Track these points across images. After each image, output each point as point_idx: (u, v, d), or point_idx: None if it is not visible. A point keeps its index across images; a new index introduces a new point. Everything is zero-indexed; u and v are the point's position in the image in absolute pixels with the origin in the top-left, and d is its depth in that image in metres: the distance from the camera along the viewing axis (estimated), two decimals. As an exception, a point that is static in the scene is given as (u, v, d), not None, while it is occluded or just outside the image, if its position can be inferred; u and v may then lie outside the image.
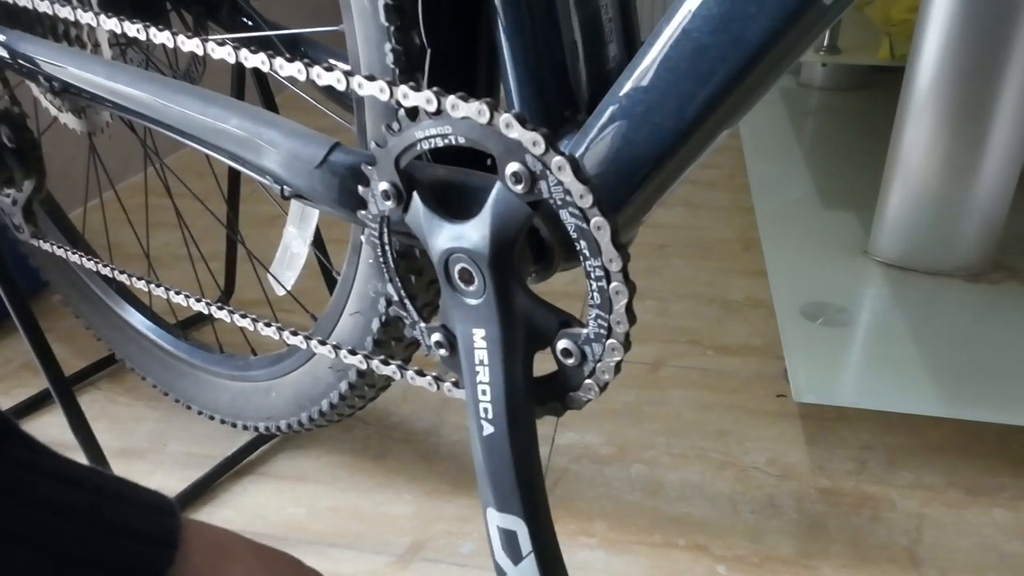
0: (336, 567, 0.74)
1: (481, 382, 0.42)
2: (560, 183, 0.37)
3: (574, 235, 0.38)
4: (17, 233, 0.80)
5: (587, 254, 0.38)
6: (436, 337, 0.46)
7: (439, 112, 0.39)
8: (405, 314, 0.48)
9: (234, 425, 0.84)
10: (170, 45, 0.52)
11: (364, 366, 0.55)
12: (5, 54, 0.67)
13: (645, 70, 0.38)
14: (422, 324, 0.47)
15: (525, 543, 0.42)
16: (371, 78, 0.42)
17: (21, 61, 0.66)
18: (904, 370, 0.88)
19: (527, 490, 0.42)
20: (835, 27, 1.80)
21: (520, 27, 0.45)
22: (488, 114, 0.37)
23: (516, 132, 0.37)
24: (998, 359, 0.90)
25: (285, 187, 0.52)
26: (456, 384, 0.50)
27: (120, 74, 0.60)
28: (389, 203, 0.43)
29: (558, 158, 0.36)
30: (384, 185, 0.43)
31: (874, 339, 0.95)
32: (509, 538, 0.43)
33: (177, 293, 0.68)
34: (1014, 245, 1.10)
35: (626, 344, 0.40)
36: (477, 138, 0.38)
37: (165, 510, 0.32)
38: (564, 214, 0.37)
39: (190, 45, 0.51)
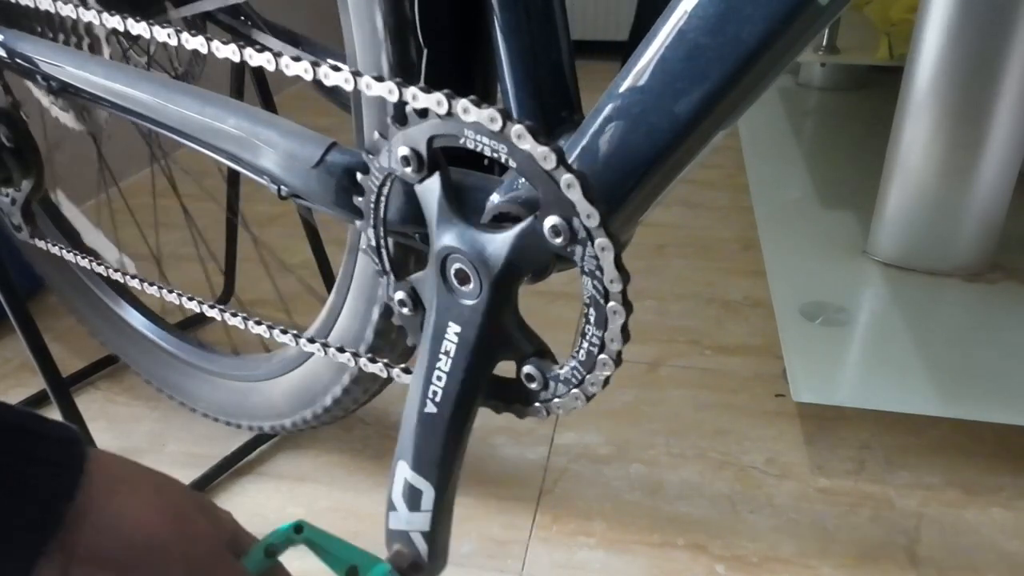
0: (335, 567, 0.74)
1: (439, 369, 0.43)
2: (597, 260, 0.37)
3: (587, 301, 0.39)
4: (16, 233, 0.80)
5: (592, 319, 0.39)
6: (400, 295, 0.46)
7: (502, 132, 0.37)
8: (376, 261, 0.47)
9: (229, 424, 0.84)
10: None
11: (321, 353, 0.56)
12: (3, 54, 0.67)
13: (641, 70, 0.38)
14: (392, 277, 0.47)
15: (427, 503, 0.44)
16: (427, 90, 0.39)
17: (19, 60, 0.66)
18: (903, 370, 0.88)
19: (446, 466, 0.44)
20: (834, 27, 1.80)
21: (517, 27, 0.45)
22: (553, 162, 0.36)
23: (576, 195, 0.36)
24: (996, 359, 0.90)
25: (282, 187, 0.52)
26: (406, 371, 0.51)
27: (118, 74, 0.60)
28: (407, 169, 0.41)
29: (605, 240, 0.36)
30: (406, 151, 0.41)
31: (873, 339, 0.95)
32: (413, 492, 0.44)
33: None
34: (1012, 245, 1.10)
35: (588, 399, 0.41)
36: (531, 175, 0.37)
37: (71, 439, 0.33)
38: (585, 280, 0.38)
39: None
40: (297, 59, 0.45)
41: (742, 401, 0.95)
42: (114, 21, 0.54)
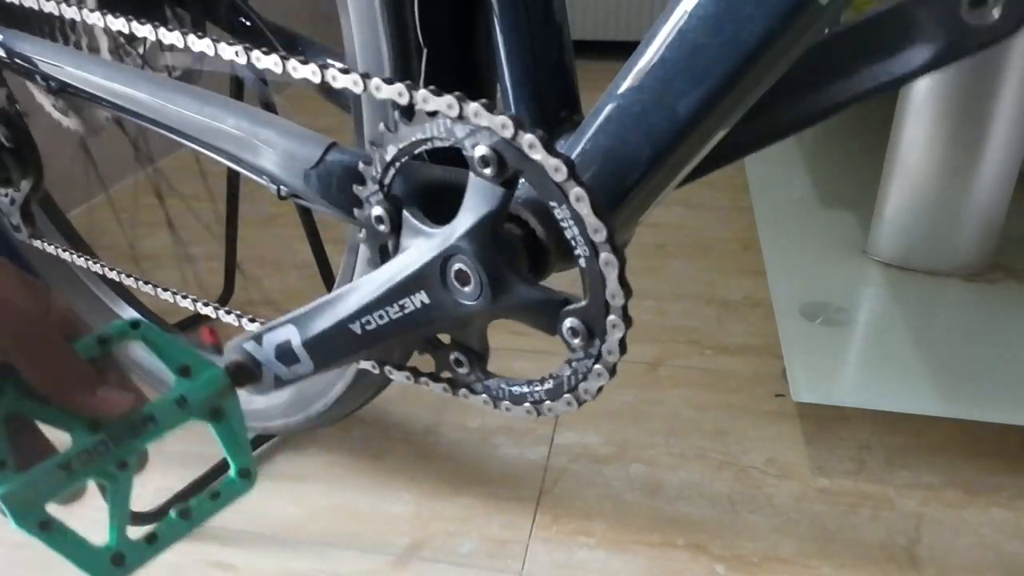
0: (335, 567, 0.74)
1: (386, 311, 0.43)
2: (587, 372, 0.39)
3: (555, 374, 0.41)
4: (15, 233, 0.80)
5: (549, 388, 0.41)
6: (381, 212, 0.43)
7: (591, 243, 0.36)
8: (379, 171, 0.43)
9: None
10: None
11: None
12: (2, 53, 0.67)
13: (641, 70, 0.38)
14: (383, 191, 0.43)
15: (299, 370, 0.45)
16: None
17: (18, 60, 0.66)
18: (903, 369, 0.88)
19: (334, 363, 0.45)
20: (834, 27, 1.79)
21: (517, 27, 0.45)
22: (621, 301, 0.36)
23: (614, 337, 0.37)
24: (996, 358, 0.90)
25: (281, 187, 0.52)
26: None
27: (118, 74, 0.60)
28: (484, 168, 0.38)
29: (604, 371, 0.38)
30: (487, 151, 0.38)
31: (873, 339, 0.95)
32: (290, 355, 0.44)
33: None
34: (1012, 245, 1.10)
35: (493, 409, 0.44)
36: (594, 287, 0.37)
37: None
38: (566, 366, 0.40)
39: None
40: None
41: (742, 401, 0.95)
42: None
